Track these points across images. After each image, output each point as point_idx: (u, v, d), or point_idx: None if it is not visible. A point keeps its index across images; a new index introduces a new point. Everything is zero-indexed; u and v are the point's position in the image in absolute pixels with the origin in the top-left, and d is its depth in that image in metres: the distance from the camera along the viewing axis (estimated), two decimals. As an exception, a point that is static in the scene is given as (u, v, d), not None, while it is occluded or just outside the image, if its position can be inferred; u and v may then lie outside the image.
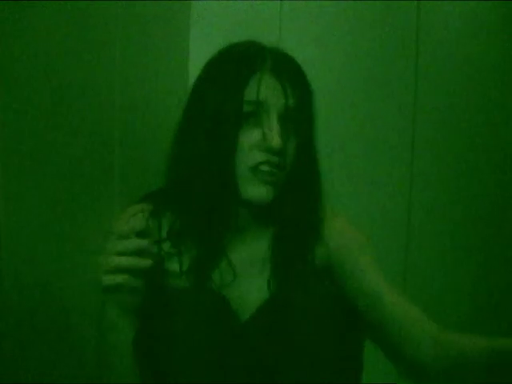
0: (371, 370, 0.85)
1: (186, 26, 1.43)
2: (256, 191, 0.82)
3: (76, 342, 1.04)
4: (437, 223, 1.74)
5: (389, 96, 1.67)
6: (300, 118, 0.84)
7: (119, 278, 0.73)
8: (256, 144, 0.81)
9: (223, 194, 0.82)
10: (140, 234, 0.76)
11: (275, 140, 0.79)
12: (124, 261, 0.73)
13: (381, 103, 1.67)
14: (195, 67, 0.90)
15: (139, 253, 0.74)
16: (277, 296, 0.83)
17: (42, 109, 0.92)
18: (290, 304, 0.78)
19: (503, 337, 0.75)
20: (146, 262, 0.74)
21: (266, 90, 0.81)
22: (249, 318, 0.82)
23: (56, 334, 0.99)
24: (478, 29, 1.75)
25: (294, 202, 0.87)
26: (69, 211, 1.02)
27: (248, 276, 0.87)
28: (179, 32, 1.43)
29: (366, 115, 1.65)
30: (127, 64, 1.24)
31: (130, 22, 1.25)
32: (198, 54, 1.44)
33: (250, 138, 0.81)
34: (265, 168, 0.81)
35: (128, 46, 1.24)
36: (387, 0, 1.65)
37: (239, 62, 0.83)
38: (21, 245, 0.89)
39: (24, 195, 0.89)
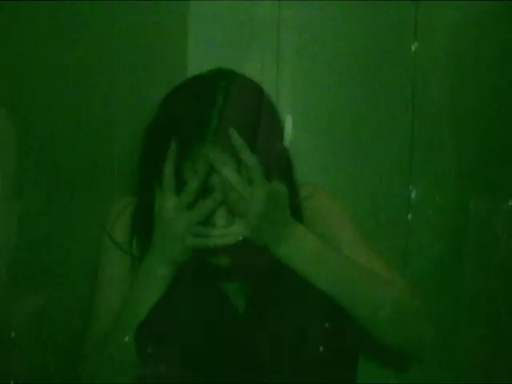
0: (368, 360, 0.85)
1: (184, 26, 1.43)
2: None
3: (76, 342, 1.04)
4: (437, 223, 1.74)
5: (387, 95, 1.67)
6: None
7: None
8: None
9: None
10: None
11: (217, 220, 0.74)
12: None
13: (379, 103, 1.66)
14: (193, 67, 0.90)
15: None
16: (264, 291, 0.82)
17: (41, 108, 0.93)
18: (279, 296, 0.77)
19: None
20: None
21: (206, 166, 0.74)
22: (244, 310, 0.82)
23: (56, 334, 0.99)
24: (478, 28, 1.74)
25: None
26: (68, 211, 1.02)
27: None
28: (177, 32, 1.43)
29: (364, 114, 1.65)
30: (125, 64, 1.24)
31: (127, 21, 1.25)
32: (197, 54, 1.44)
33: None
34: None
35: (126, 46, 1.24)
36: (386, 0, 1.65)
37: (182, 128, 0.76)
38: (20, 245, 0.89)
39: (23, 195, 0.89)
